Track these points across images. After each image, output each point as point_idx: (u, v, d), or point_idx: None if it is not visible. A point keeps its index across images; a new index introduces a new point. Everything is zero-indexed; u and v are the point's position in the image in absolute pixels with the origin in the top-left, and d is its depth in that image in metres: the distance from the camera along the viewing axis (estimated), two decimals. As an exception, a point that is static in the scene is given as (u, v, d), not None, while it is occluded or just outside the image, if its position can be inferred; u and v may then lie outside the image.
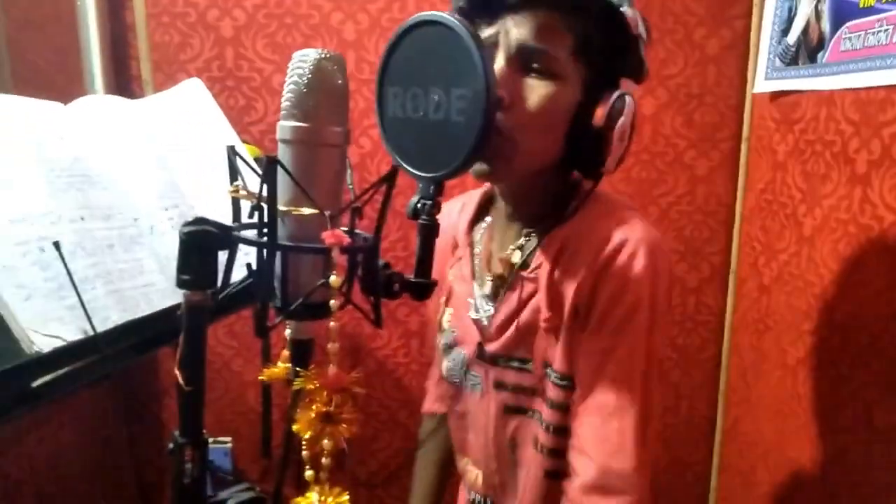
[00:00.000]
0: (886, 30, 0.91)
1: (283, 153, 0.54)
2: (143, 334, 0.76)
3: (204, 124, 0.97)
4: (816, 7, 1.08)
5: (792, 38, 1.16)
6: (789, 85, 1.17)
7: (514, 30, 0.67)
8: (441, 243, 0.84)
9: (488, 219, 0.87)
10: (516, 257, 0.78)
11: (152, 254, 0.82)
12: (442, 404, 1.01)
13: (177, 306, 0.54)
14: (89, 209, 0.78)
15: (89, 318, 0.70)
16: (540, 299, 0.75)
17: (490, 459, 0.86)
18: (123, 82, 1.32)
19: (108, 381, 1.43)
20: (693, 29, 1.31)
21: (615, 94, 0.68)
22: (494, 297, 0.81)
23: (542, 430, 0.78)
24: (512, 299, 0.78)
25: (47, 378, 0.67)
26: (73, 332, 0.70)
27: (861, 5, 0.97)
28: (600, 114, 0.68)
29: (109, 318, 0.74)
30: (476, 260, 0.86)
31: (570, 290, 0.72)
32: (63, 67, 1.27)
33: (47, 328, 0.68)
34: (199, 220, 0.52)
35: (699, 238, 1.40)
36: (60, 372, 0.68)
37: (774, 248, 1.23)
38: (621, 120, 0.68)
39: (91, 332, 0.70)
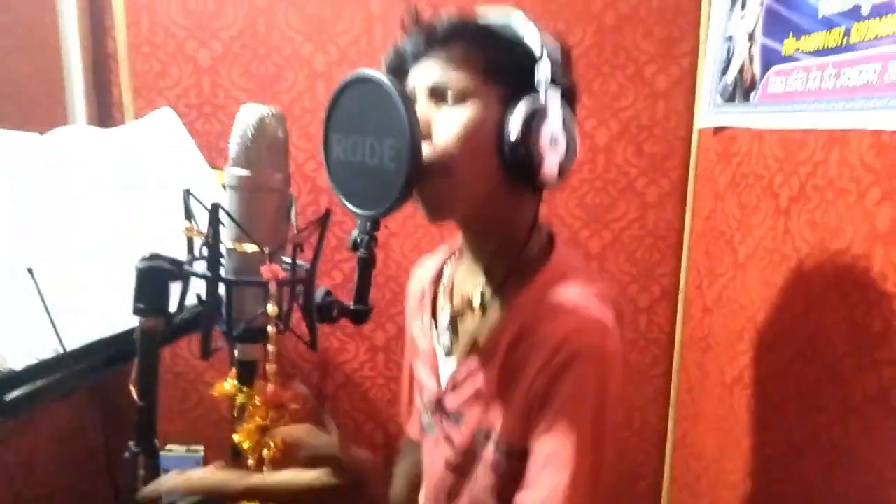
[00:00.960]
0: (802, 77, 1.00)
1: (230, 196, 0.61)
2: (111, 351, 0.83)
3: (175, 152, 1.05)
4: (750, 50, 1.17)
5: (730, 77, 1.24)
6: (727, 121, 1.25)
7: (424, 74, 0.72)
8: (418, 293, 0.94)
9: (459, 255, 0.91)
10: (476, 299, 0.82)
11: (121, 276, 0.89)
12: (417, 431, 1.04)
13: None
14: (63, 234, 0.85)
15: (59, 338, 0.77)
16: (491, 375, 0.77)
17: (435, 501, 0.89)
18: (104, 107, 1.39)
19: (86, 392, 1.49)
20: (643, 65, 1.39)
21: (525, 103, 0.69)
22: (454, 329, 0.85)
23: (486, 496, 0.80)
24: (471, 363, 0.80)
25: (19, 392, 0.74)
26: (45, 350, 0.76)
27: (783, 53, 1.05)
28: (513, 124, 0.69)
29: (80, 336, 0.81)
30: (440, 296, 0.89)
31: (522, 377, 0.74)
32: (46, 92, 1.34)
33: (21, 346, 0.75)
34: (154, 256, 0.59)
35: (650, 261, 1.48)
36: (32, 387, 0.75)
37: (716, 272, 1.31)
38: (545, 126, 0.69)
39: (62, 350, 0.77)
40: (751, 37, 1.17)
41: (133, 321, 0.86)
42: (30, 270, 0.76)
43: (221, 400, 1.49)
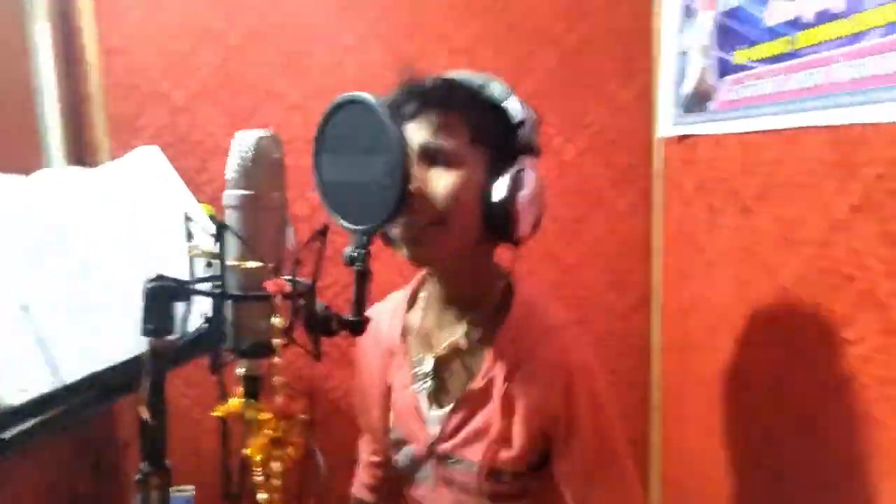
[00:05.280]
0: (755, 83, 1.06)
1: (231, 217, 0.63)
2: (106, 385, 0.83)
3: (162, 187, 1.06)
4: (704, 63, 1.24)
5: (687, 89, 1.31)
6: (687, 130, 1.32)
7: (416, 133, 0.81)
8: (380, 350, 0.98)
9: (421, 302, 0.97)
10: (463, 342, 0.89)
11: (113, 310, 0.89)
12: (371, 493, 1.12)
13: (135, 358, 0.63)
14: (56, 272, 0.86)
15: (56, 372, 0.77)
16: (492, 412, 0.85)
17: None
18: (79, 149, 1.40)
19: (74, 437, 1.47)
20: (605, 82, 1.46)
21: (511, 170, 0.80)
22: (435, 375, 0.91)
23: None
24: (466, 406, 0.88)
25: (17, 429, 0.74)
26: (41, 384, 0.77)
27: (735, 63, 1.12)
28: (499, 188, 0.80)
29: (75, 370, 0.81)
30: (413, 347, 0.95)
31: (530, 411, 0.85)
32: (22, 137, 1.34)
33: (17, 382, 0.75)
34: (159, 277, 0.61)
35: (624, 269, 1.53)
36: (30, 423, 0.75)
37: (687, 275, 1.36)
38: (524, 191, 0.80)
39: (58, 385, 0.77)
40: (704, 50, 1.25)
41: (126, 354, 0.88)
42: (25, 308, 0.77)
43: (209, 436, 1.48)
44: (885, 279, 0.81)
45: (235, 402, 0.72)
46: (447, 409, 0.90)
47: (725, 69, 1.17)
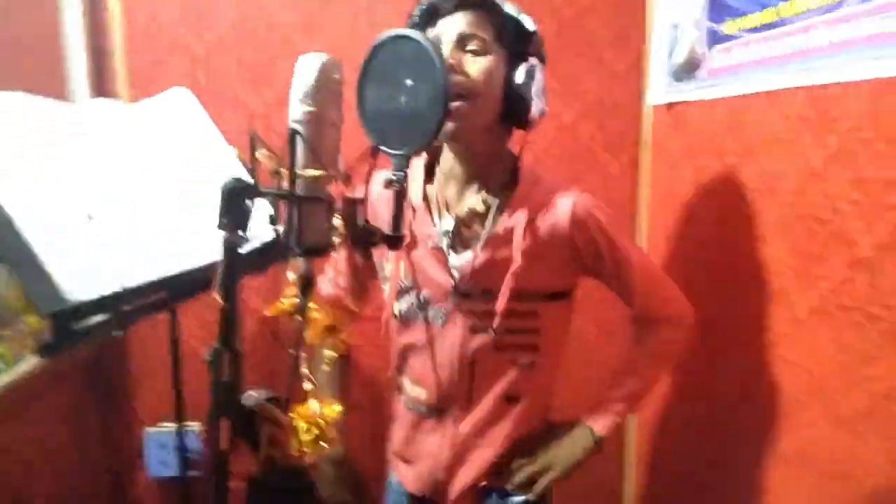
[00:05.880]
0: (742, 50, 1.17)
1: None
2: (161, 293, 0.91)
3: (195, 125, 1.13)
4: (695, 34, 1.35)
5: (679, 58, 1.42)
6: (678, 97, 1.43)
7: (452, 25, 0.97)
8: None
9: (438, 175, 1.10)
10: (480, 206, 1.04)
11: (167, 227, 0.97)
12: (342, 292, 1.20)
13: (184, 273, 0.70)
14: (113, 188, 0.93)
15: (119, 277, 0.85)
16: (513, 251, 1.00)
17: (449, 375, 1.06)
18: (103, 96, 1.45)
19: (86, 370, 1.53)
20: (601, 51, 1.56)
21: (527, 63, 0.99)
22: (457, 234, 1.06)
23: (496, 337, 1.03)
24: (487, 249, 1.03)
25: (83, 323, 0.82)
26: (105, 287, 0.84)
27: (725, 33, 1.23)
28: (519, 74, 0.98)
29: (135, 276, 0.89)
30: (434, 209, 1.08)
31: (550, 243, 1.02)
32: (47, 84, 1.39)
33: (84, 283, 0.82)
34: (235, 179, 0.69)
35: (614, 228, 1.63)
36: (94, 320, 0.83)
37: (672, 234, 1.48)
38: (535, 79, 0.99)
39: (120, 288, 0.85)
40: (695, 21, 1.35)
41: (177, 269, 0.95)
42: (90, 217, 0.84)
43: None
44: (855, 219, 0.93)
45: (286, 303, 0.82)
46: (469, 252, 1.04)
47: (715, 39, 1.27)
